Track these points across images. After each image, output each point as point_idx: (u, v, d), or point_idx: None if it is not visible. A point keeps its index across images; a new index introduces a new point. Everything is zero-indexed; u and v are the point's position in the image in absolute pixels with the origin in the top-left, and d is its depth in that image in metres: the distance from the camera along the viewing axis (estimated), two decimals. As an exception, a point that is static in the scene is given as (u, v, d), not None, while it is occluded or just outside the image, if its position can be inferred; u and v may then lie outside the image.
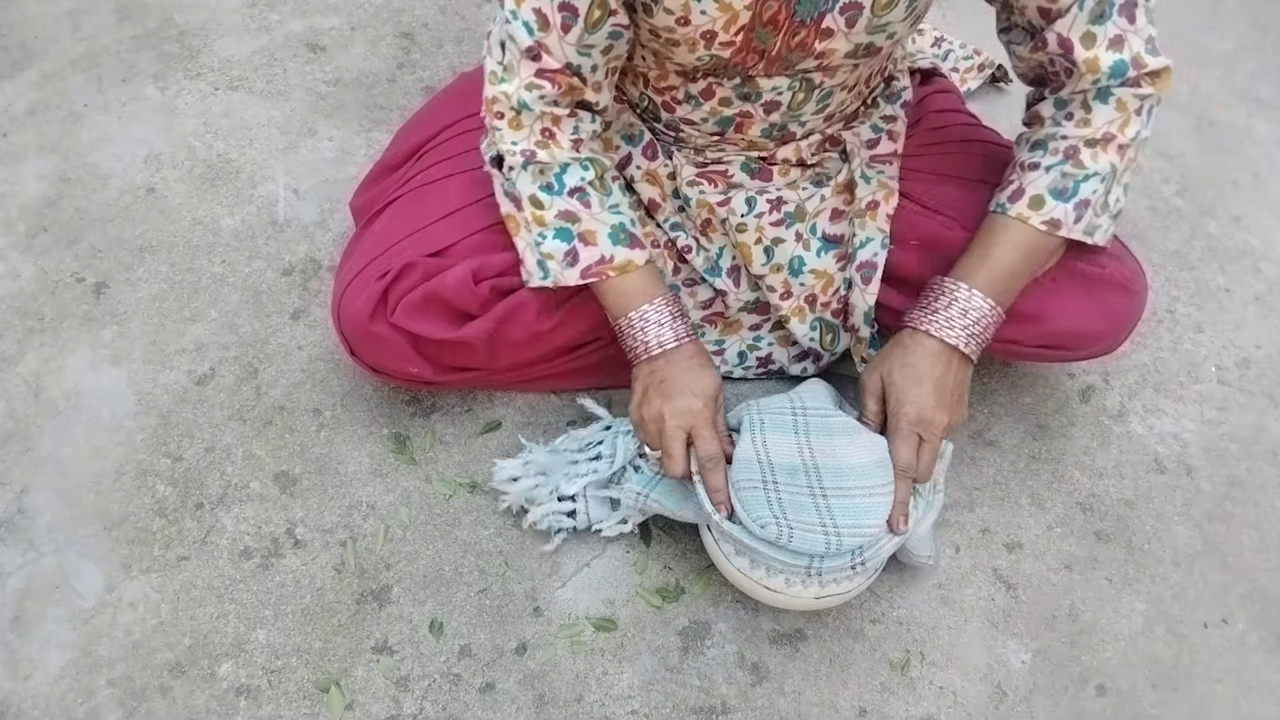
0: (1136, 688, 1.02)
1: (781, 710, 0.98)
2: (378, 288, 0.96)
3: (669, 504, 0.98)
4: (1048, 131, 0.92)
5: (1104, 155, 0.90)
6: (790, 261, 1.04)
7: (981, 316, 0.91)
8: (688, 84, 0.96)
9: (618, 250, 0.94)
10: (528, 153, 0.92)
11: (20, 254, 1.24)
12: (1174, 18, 1.67)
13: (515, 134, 0.92)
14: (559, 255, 0.94)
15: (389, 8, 1.54)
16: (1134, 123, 0.89)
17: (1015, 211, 0.92)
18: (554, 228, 0.94)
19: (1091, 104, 0.89)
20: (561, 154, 0.93)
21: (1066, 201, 0.90)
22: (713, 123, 0.99)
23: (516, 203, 0.95)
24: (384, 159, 1.14)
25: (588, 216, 0.94)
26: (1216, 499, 1.16)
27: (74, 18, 1.49)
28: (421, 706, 0.96)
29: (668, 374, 0.94)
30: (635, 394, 0.97)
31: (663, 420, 0.93)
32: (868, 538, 0.89)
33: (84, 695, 0.95)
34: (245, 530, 1.05)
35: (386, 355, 1.00)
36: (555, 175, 0.94)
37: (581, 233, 0.94)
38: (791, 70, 0.92)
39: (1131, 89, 0.88)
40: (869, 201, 1.03)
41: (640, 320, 0.95)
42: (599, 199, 0.95)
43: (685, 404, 0.93)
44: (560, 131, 0.93)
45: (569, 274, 0.94)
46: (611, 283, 0.95)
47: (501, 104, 0.91)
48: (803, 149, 1.03)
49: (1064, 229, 0.91)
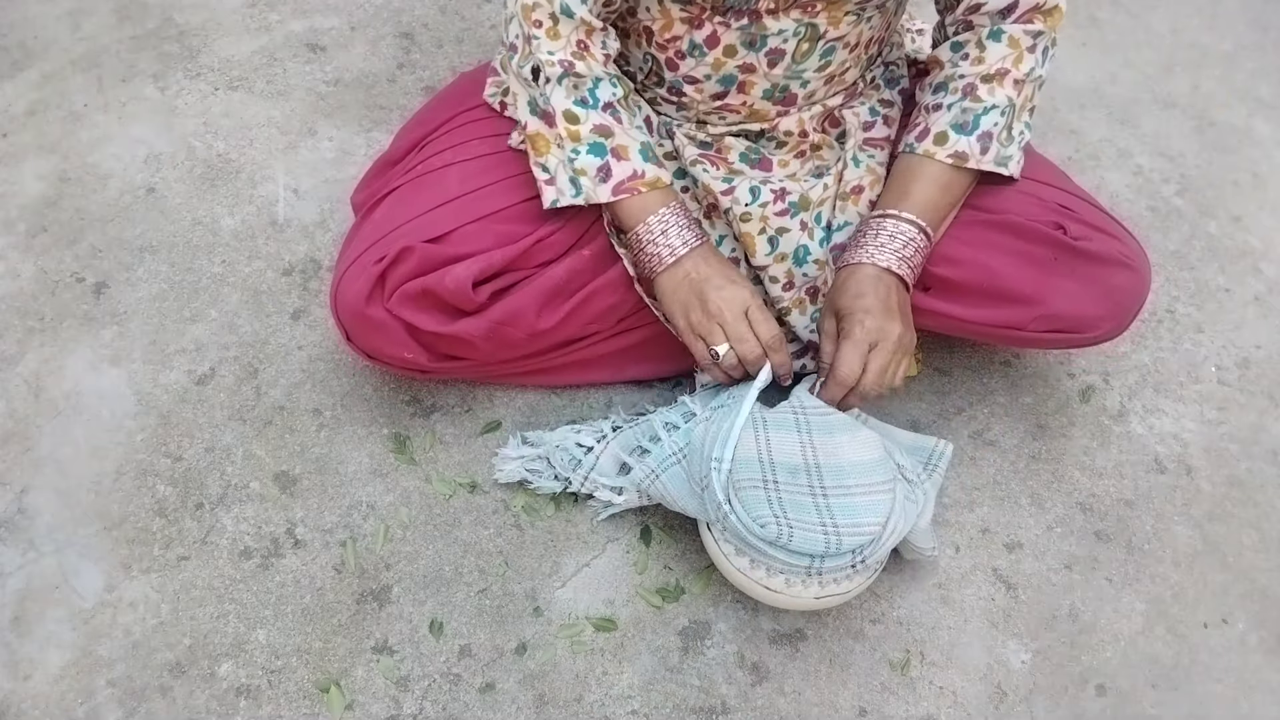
0: (1136, 688, 1.02)
1: (781, 710, 0.98)
2: (374, 271, 0.97)
3: (673, 489, 0.98)
4: (946, 73, 0.99)
5: (1000, 89, 0.96)
6: (795, 251, 1.04)
7: (910, 240, 0.95)
8: (692, 32, 0.96)
9: (648, 167, 0.97)
10: (566, 63, 0.94)
11: (20, 254, 1.24)
12: (1174, 18, 1.67)
13: (553, 44, 0.94)
14: (592, 171, 0.96)
15: (389, 8, 1.54)
16: (1027, 59, 0.96)
17: (923, 149, 0.98)
18: (588, 143, 0.96)
19: (985, 43, 0.97)
20: (597, 67, 0.95)
21: (969, 135, 0.97)
22: (715, 80, 0.99)
23: (548, 119, 0.96)
24: (385, 155, 1.14)
25: (620, 132, 0.96)
26: (1216, 499, 1.16)
27: (74, 18, 1.49)
28: (421, 706, 0.96)
29: (701, 272, 0.96)
30: (674, 304, 0.98)
31: (722, 313, 0.95)
32: (867, 537, 0.89)
33: (84, 695, 0.95)
34: (245, 530, 1.05)
35: (382, 340, 1.00)
36: (589, 90, 0.95)
37: (614, 148, 0.96)
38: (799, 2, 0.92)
39: (1023, 25, 0.96)
40: (854, 186, 1.04)
41: (660, 224, 0.96)
42: (628, 116, 0.97)
43: (735, 292, 0.95)
44: (593, 44, 0.95)
45: (601, 190, 0.96)
46: (633, 198, 0.96)
47: (542, 10, 0.93)
48: (805, 121, 1.04)
49: (971, 161, 0.97)
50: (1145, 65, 1.59)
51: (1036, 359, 1.24)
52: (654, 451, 1.01)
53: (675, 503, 0.99)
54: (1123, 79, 1.57)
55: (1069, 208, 1.01)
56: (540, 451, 1.08)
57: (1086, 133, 1.49)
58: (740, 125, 1.04)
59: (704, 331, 0.96)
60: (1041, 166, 1.09)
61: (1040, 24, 0.96)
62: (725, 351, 0.96)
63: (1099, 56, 1.60)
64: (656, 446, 1.01)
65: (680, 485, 0.98)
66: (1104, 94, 1.55)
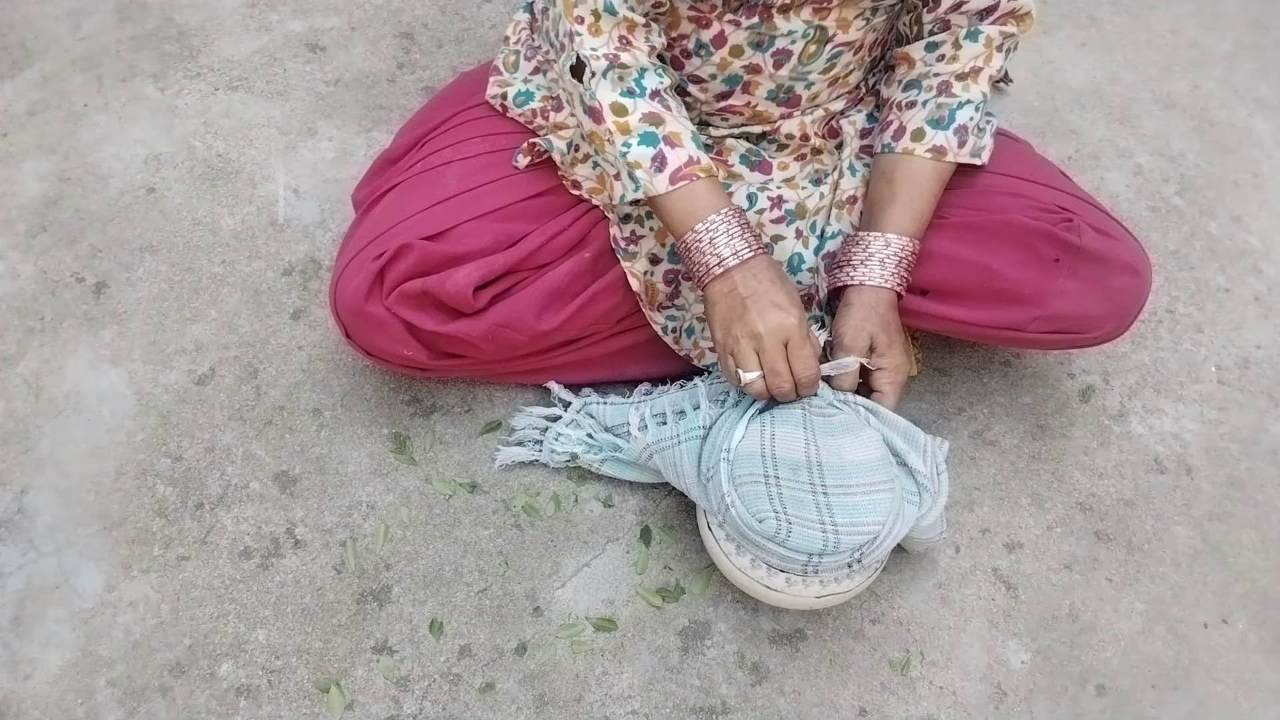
0: (1136, 688, 1.02)
1: (781, 710, 0.98)
2: (373, 268, 0.96)
3: (686, 464, 0.97)
4: (919, 71, 1.00)
5: (975, 86, 0.99)
6: (790, 259, 1.04)
7: (905, 256, 0.97)
8: (699, 31, 0.95)
9: (701, 154, 0.94)
10: (611, 56, 0.92)
11: (20, 254, 1.24)
12: (1174, 18, 1.67)
13: (595, 39, 0.92)
14: (646, 162, 0.92)
15: (389, 8, 1.54)
16: (996, 58, 0.99)
17: (901, 147, 0.99)
18: (639, 133, 0.92)
19: (962, 42, 0.98)
20: (642, 58, 0.93)
21: (945, 129, 0.98)
22: (720, 80, 0.99)
23: (596, 116, 0.93)
24: (385, 153, 1.14)
25: (671, 119, 0.93)
26: (1216, 499, 1.16)
27: (74, 18, 1.49)
28: (421, 706, 0.96)
29: (750, 288, 0.91)
30: (715, 318, 0.93)
31: (760, 339, 0.90)
32: (866, 537, 0.89)
33: (84, 695, 0.95)
34: (245, 530, 1.05)
35: (381, 337, 0.99)
36: (635, 80, 0.93)
37: (667, 135, 0.93)
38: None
39: (999, 26, 0.98)
40: (849, 195, 1.04)
41: (708, 231, 0.91)
42: (676, 105, 0.95)
43: (780, 319, 0.89)
44: (635, 39, 0.93)
45: (658, 180, 0.92)
46: (683, 192, 0.92)
47: (584, 6, 0.91)
48: (807, 125, 1.04)
49: (950, 154, 0.99)
50: (1145, 65, 1.59)
51: (1036, 359, 1.24)
52: (689, 417, 0.99)
53: (681, 479, 0.98)
54: (1123, 79, 1.57)
55: (1071, 209, 1.01)
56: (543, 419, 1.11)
57: (1086, 133, 1.49)
58: (743, 127, 1.04)
59: (738, 353, 0.91)
60: (1042, 167, 1.09)
61: (1013, 27, 0.99)
62: (753, 379, 0.91)
63: (1099, 56, 1.60)
64: (694, 413, 1.00)
65: (693, 462, 0.97)
66: (1104, 94, 1.54)
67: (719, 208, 0.92)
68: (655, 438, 1.01)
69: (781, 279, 0.93)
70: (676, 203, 0.93)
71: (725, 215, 0.92)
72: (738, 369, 0.92)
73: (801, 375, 0.91)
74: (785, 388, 0.91)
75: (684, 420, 1.00)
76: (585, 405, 1.10)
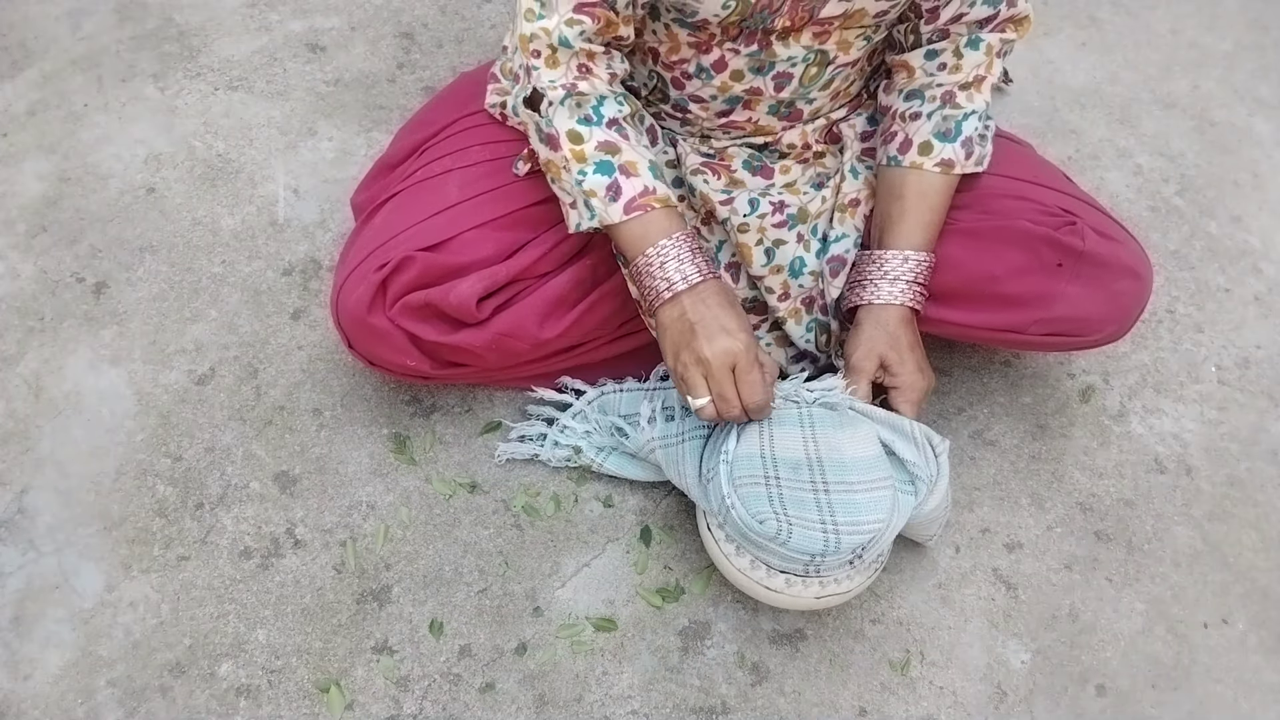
0: (1136, 688, 1.02)
1: (781, 710, 0.98)
2: (375, 279, 0.96)
3: (689, 462, 0.97)
4: (921, 81, 1.00)
5: (978, 95, 0.99)
6: (791, 263, 1.04)
7: (921, 272, 0.97)
8: (699, 56, 0.95)
9: (658, 184, 0.92)
10: (569, 85, 0.91)
11: (20, 254, 1.24)
12: (1174, 18, 1.67)
13: (552, 72, 0.91)
14: (601, 191, 0.91)
15: (389, 8, 1.54)
16: (996, 64, 0.99)
17: (909, 161, 0.98)
18: (594, 161, 0.91)
19: (963, 51, 0.98)
20: (601, 85, 0.93)
21: (952, 141, 0.98)
22: (721, 100, 0.99)
23: (553, 143, 0.93)
24: (384, 157, 1.14)
25: (627, 148, 0.92)
26: (1216, 499, 1.16)
27: (74, 18, 1.49)
28: (421, 706, 0.96)
29: (698, 314, 0.89)
30: (665, 344, 0.92)
31: (708, 364, 0.88)
32: (867, 535, 0.89)
33: (84, 695, 0.95)
34: (245, 530, 1.05)
35: (384, 348, 1.00)
36: (593, 107, 0.92)
37: (622, 164, 0.91)
38: (816, 19, 0.91)
39: (998, 33, 0.98)
40: (852, 198, 1.04)
41: (659, 256, 0.90)
42: (634, 133, 0.94)
43: (726, 344, 0.88)
44: (596, 66, 0.92)
45: (613, 210, 0.91)
46: (636, 221, 0.91)
47: (540, 41, 0.90)
48: (808, 134, 1.04)
49: (958, 167, 0.98)
50: (1145, 65, 1.59)
51: (1036, 359, 1.24)
52: (694, 415, 0.97)
53: (683, 478, 0.98)
54: (1123, 79, 1.57)
55: (1073, 211, 1.01)
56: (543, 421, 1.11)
57: (1086, 133, 1.49)
58: (745, 139, 1.04)
59: (687, 378, 0.90)
60: (1044, 169, 1.09)
61: (1012, 33, 0.98)
62: (702, 404, 0.90)
63: (1099, 56, 1.60)
64: (666, 424, 1.00)
65: (695, 462, 0.97)
66: (1104, 94, 1.55)
67: (671, 232, 0.91)
68: (661, 433, 1.01)
69: (731, 303, 0.91)
70: (630, 228, 0.92)
71: (676, 240, 0.91)
72: (686, 394, 0.91)
73: (749, 400, 0.89)
74: (734, 412, 0.90)
75: (690, 418, 1.00)
76: (602, 394, 1.10)
